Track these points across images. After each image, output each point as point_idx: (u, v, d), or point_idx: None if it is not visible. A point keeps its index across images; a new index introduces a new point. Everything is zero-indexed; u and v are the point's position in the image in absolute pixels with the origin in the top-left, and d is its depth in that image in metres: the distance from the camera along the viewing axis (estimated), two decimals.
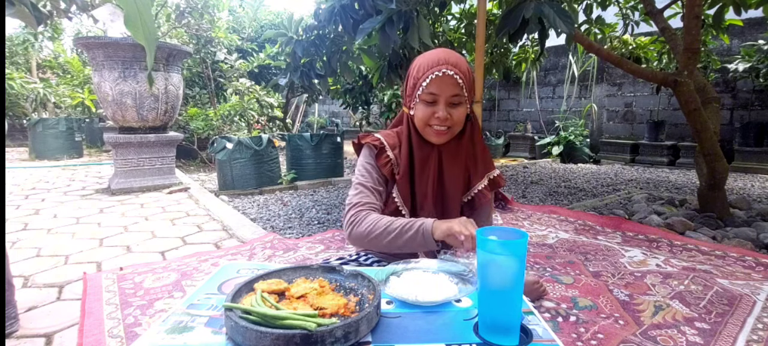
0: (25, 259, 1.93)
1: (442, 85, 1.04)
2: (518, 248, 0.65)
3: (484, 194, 1.17)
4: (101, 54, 3.29)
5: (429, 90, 1.05)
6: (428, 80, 1.05)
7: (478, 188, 1.17)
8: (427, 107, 1.07)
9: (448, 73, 1.03)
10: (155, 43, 0.71)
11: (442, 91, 1.05)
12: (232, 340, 0.63)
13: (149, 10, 0.70)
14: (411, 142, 1.14)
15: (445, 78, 1.04)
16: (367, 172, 1.16)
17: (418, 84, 1.07)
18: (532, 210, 2.74)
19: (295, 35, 2.81)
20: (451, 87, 1.05)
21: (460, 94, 1.06)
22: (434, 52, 1.09)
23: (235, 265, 0.96)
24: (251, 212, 2.89)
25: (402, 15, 2.18)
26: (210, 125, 5.12)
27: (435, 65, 1.05)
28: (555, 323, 1.26)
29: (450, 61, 1.05)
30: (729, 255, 1.87)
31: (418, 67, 1.09)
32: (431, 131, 1.09)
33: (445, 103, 1.05)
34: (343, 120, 11.01)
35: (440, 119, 1.05)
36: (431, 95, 1.05)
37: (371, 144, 1.16)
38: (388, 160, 1.14)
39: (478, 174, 1.18)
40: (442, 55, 1.07)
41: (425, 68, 1.06)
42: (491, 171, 1.20)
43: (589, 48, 2.57)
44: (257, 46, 6.77)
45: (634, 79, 6.06)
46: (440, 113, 1.05)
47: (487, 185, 1.18)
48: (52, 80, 7.84)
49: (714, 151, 2.41)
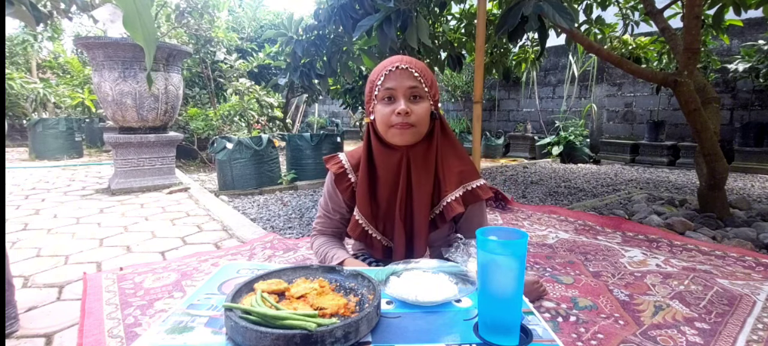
0: (25, 259, 1.93)
1: (398, 78, 1.03)
2: (518, 248, 0.65)
3: (452, 207, 1.08)
4: (101, 54, 3.29)
5: (385, 86, 1.04)
6: (383, 78, 1.04)
7: (447, 200, 1.08)
8: (387, 106, 1.05)
9: (402, 67, 1.04)
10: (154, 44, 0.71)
11: (398, 85, 1.03)
12: (232, 340, 0.63)
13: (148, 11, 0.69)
14: (371, 154, 1.11)
15: (399, 72, 1.04)
16: (326, 199, 1.23)
17: (374, 85, 1.07)
18: (532, 210, 2.74)
19: (295, 35, 2.81)
20: (408, 79, 1.03)
21: (418, 87, 1.04)
22: (389, 58, 1.10)
23: (235, 265, 0.96)
24: (251, 212, 2.89)
25: (400, 13, 2.18)
26: (210, 125, 5.12)
27: (389, 64, 1.06)
28: (555, 323, 1.26)
29: (404, 59, 1.06)
30: (729, 255, 1.87)
31: (374, 72, 1.10)
32: (394, 131, 1.04)
33: (404, 97, 1.03)
34: (343, 120, 11.01)
35: (400, 113, 1.02)
36: (388, 90, 1.04)
37: (332, 171, 1.18)
38: (349, 185, 1.16)
39: (449, 183, 1.09)
40: (396, 57, 1.08)
41: (380, 69, 1.07)
42: (470, 182, 1.10)
43: (589, 48, 2.57)
44: (257, 46, 6.77)
45: (634, 79, 6.06)
46: (399, 107, 1.02)
47: (460, 196, 1.08)
48: (52, 80, 7.84)
49: (714, 151, 2.41)
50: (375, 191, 1.13)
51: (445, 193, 1.10)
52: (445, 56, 3.35)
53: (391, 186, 1.10)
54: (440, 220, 1.12)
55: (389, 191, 1.11)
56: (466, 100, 8.17)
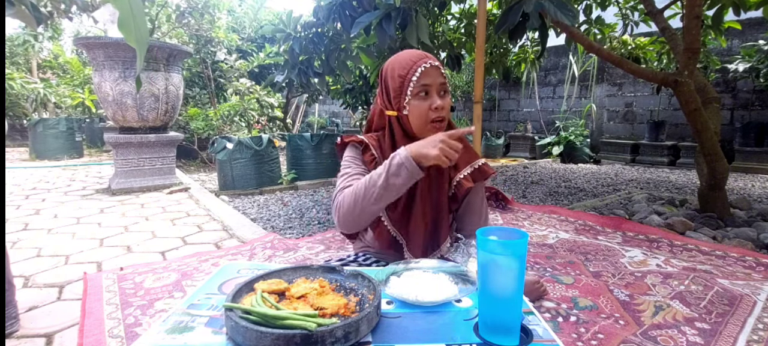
0: (26, 259, 1.93)
1: (433, 75, 1.06)
2: (518, 248, 0.65)
3: (462, 184, 1.15)
4: (102, 54, 3.29)
5: (421, 82, 1.06)
6: (418, 73, 1.05)
7: (458, 179, 1.16)
8: (423, 101, 1.07)
9: (434, 64, 1.07)
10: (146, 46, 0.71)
11: (433, 81, 1.06)
12: (233, 340, 0.63)
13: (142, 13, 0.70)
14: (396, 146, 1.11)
15: (432, 69, 1.06)
16: (353, 163, 1.15)
17: (407, 81, 1.07)
18: (533, 210, 2.74)
19: (294, 32, 2.80)
20: (440, 76, 1.07)
21: (445, 83, 1.09)
22: (405, 53, 1.11)
23: (235, 265, 0.96)
24: (251, 212, 2.89)
25: (400, 11, 2.17)
26: (210, 125, 5.12)
27: (418, 59, 1.07)
28: (555, 323, 1.26)
29: (430, 56, 1.08)
30: (729, 255, 1.87)
31: (400, 65, 1.09)
32: (431, 127, 1.08)
33: (437, 94, 1.07)
34: (343, 120, 11.01)
35: (439, 108, 1.06)
36: (424, 87, 1.06)
37: (355, 143, 1.18)
38: (373, 159, 1.13)
39: (459, 167, 1.17)
40: (418, 52, 1.10)
41: (411, 63, 1.07)
42: (475, 161, 1.19)
43: (589, 48, 2.57)
44: (257, 47, 6.77)
45: (635, 79, 6.06)
46: (438, 103, 1.06)
47: (469, 173, 1.16)
48: (53, 80, 7.84)
49: (714, 151, 2.41)
50: None
51: (455, 174, 1.17)
52: (444, 56, 3.35)
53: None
54: (453, 201, 1.18)
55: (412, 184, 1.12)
56: (467, 100, 8.17)
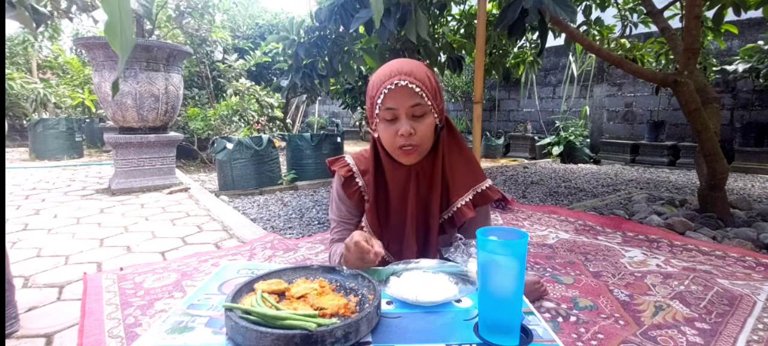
0: (26, 259, 1.93)
1: (399, 97, 0.94)
2: (518, 249, 0.65)
3: (463, 212, 1.05)
4: (102, 54, 3.29)
5: (386, 106, 0.96)
6: (383, 96, 0.95)
7: (458, 206, 1.06)
8: (389, 126, 0.97)
9: (402, 83, 0.93)
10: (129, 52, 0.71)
11: (399, 104, 0.95)
12: (233, 340, 0.63)
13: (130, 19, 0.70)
14: (380, 167, 1.07)
15: (399, 89, 0.94)
16: (337, 205, 1.17)
17: (374, 103, 0.98)
18: (532, 210, 2.74)
19: (297, 37, 2.82)
20: (409, 97, 0.94)
21: (421, 104, 0.95)
22: (388, 65, 0.99)
23: (235, 265, 0.96)
24: (251, 212, 2.89)
25: (399, 6, 2.17)
26: (209, 125, 5.12)
27: (387, 78, 0.95)
28: (555, 323, 1.26)
29: (403, 70, 0.95)
30: (729, 255, 1.87)
31: (372, 84, 1.00)
32: (398, 152, 0.99)
33: (406, 117, 0.95)
34: (343, 120, 11.02)
35: (404, 135, 0.95)
36: (389, 111, 0.96)
37: (339, 173, 1.12)
38: (357, 189, 1.10)
39: (458, 187, 1.07)
40: (395, 66, 0.97)
41: (378, 84, 0.97)
42: (478, 184, 1.08)
43: (589, 48, 2.57)
44: (253, 45, 6.76)
45: (634, 79, 6.06)
46: (403, 129, 0.94)
47: (470, 199, 1.07)
48: (53, 80, 7.84)
49: (714, 151, 2.41)
50: (387, 204, 1.10)
51: (455, 197, 1.07)
52: (445, 59, 3.36)
53: (400, 199, 1.08)
54: (449, 225, 1.10)
55: (400, 205, 1.08)
56: (466, 100, 8.17)
